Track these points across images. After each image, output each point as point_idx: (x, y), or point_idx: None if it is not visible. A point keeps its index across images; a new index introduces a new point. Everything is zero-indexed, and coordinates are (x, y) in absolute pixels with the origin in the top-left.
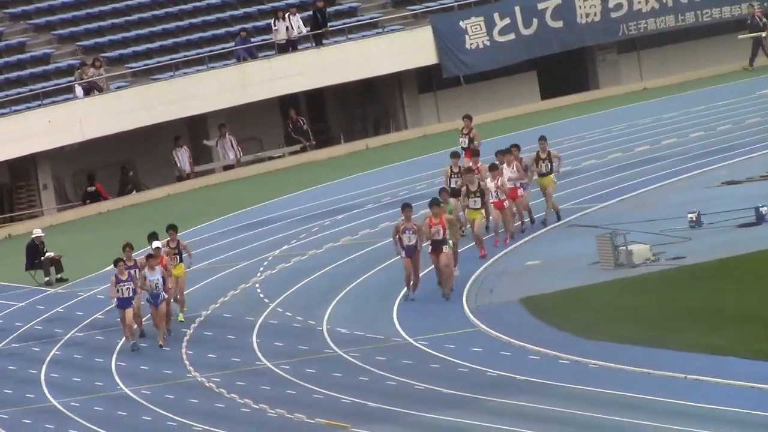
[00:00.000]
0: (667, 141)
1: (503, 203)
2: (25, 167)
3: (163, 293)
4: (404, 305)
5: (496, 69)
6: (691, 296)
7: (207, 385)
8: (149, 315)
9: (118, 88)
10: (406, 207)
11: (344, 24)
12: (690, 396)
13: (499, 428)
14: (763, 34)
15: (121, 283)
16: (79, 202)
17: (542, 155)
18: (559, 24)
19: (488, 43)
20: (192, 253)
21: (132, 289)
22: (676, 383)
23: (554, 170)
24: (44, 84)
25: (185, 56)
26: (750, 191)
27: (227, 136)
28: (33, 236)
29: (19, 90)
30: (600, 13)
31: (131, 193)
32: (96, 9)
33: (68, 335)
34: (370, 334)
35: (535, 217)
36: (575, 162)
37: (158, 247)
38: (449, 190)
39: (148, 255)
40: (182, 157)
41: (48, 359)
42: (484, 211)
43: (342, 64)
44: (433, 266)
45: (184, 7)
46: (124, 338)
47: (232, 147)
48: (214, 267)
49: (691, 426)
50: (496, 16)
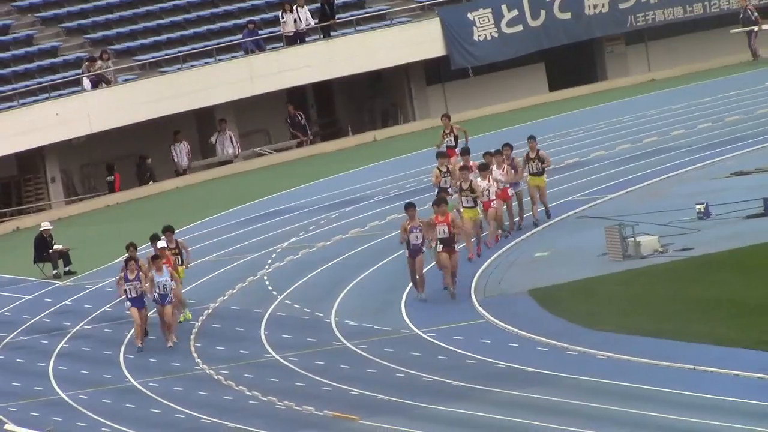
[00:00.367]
0: (676, 132)
1: (490, 203)
2: (33, 160)
3: (171, 294)
4: (412, 297)
5: (504, 61)
6: (699, 287)
7: (215, 377)
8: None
9: (126, 80)
10: (410, 206)
11: (352, 16)
12: (698, 387)
13: (507, 420)
14: (755, 29)
15: (128, 282)
16: (88, 194)
17: (532, 155)
18: (567, 15)
19: (496, 35)
20: (190, 252)
21: (139, 288)
22: (685, 374)
23: (544, 170)
24: (52, 77)
25: (193, 49)
26: (758, 182)
27: (227, 131)
28: (41, 229)
29: (27, 83)
30: (608, 4)
31: (149, 182)
32: (104, 1)
33: (76, 328)
34: (378, 326)
35: (525, 217)
36: (583, 153)
37: (163, 247)
38: (448, 191)
39: (154, 256)
40: (180, 152)
41: (56, 352)
42: (479, 210)
43: (350, 56)
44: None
45: None
46: (136, 337)
47: (231, 143)
48: (223, 259)
49: (700, 417)
50: (504, 7)
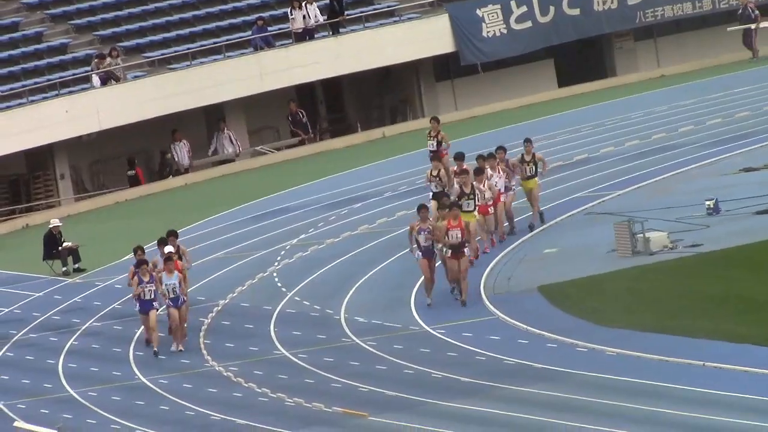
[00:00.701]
0: (685, 128)
1: (488, 208)
2: (42, 157)
3: (182, 296)
4: (422, 294)
5: (513, 57)
6: (708, 283)
7: (225, 374)
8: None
9: (135, 77)
10: (422, 207)
11: (361, 12)
12: (708, 383)
13: (516, 416)
14: (753, 26)
15: (143, 284)
16: (98, 191)
17: (527, 158)
18: (576, 12)
19: (505, 31)
20: (190, 259)
21: (154, 291)
22: (694, 370)
23: (539, 173)
24: (61, 74)
25: (202, 45)
26: (767, 178)
27: (225, 131)
28: (50, 226)
29: (37, 80)
30: (617, 0)
31: (169, 177)
32: None
33: (86, 325)
34: (387, 323)
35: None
36: (592, 150)
37: (171, 251)
38: (447, 194)
39: (166, 258)
40: (180, 151)
41: (65, 349)
42: (477, 214)
43: (359, 52)
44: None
45: None
46: (146, 341)
47: (231, 142)
48: (232, 256)
49: (710, 413)
50: (512, 4)
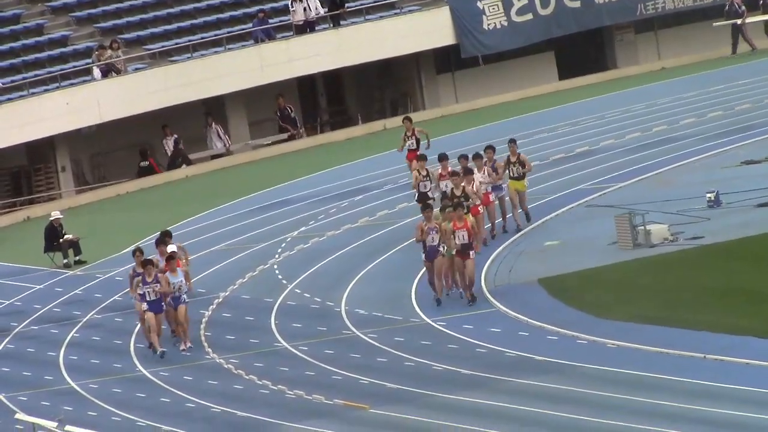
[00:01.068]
0: (686, 120)
1: (478, 209)
2: (43, 150)
3: (183, 296)
4: (422, 286)
5: (513, 49)
6: (709, 276)
7: (225, 366)
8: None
9: (136, 69)
10: (428, 208)
11: (362, 5)
12: (709, 375)
13: (518, 408)
14: (738, 21)
15: (147, 285)
16: (98, 183)
17: (512, 159)
18: (577, 4)
19: (506, 24)
20: (189, 256)
21: (159, 291)
22: (695, 363)
23: (525, 175)
24: (62, 66)
25: (203, 38)
26: None
27: (214, 126)
28: (51, 218)
29: (37, 72)
30: None
31: (181, 166)
32: None
33: (87, 317)
34: (388, 315)
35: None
36: (593, 142)
37: (174, 251)
38: (448, 195)
39: (168, 257)
40: (171, 146)
41: (66, 341)
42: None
43: (359, 44)
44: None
45: None
46: (150, 344)
47: (219, 137)
48: (232, 248)
49: (711, 406)
50: None
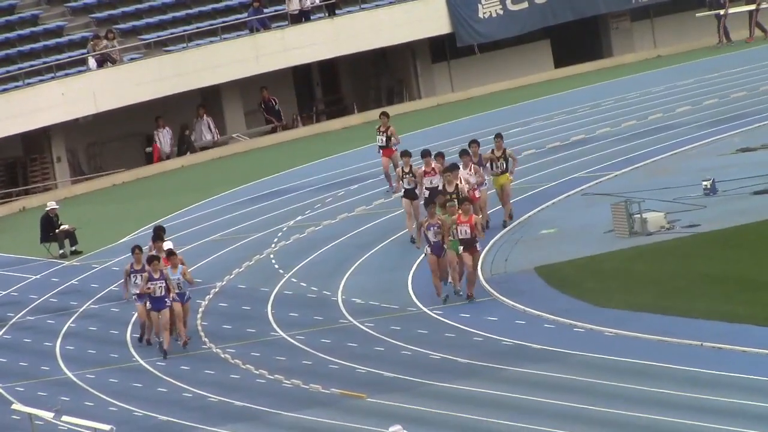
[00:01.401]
0: (681, 108)
1: (475, 194)
2: (38, 140)
3: (188, 292)
4: (418, 275)
5: (509, 38)
6: (706, 264)
7: (222, 356)
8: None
9: (131, 59)
10: (431, 204)
11: None
12: (706, 363)
13: (514, 397)
14: (721, 12)
15: (153, 281)
16: (94, 173)
17: (497, 153)
18: None
19: (501, 12)
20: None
21: (165, 287)
22: (693, 351)
23: (510, 170)
24: (57, 56)
25: (198, 27)
26: (765, 158)
27: (204, 117)
28: (47, 209)
29: (33, 62)
30: None
31: (187, 153)
32: None
33: (83, 308)
34: (385, 304)
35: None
36: (589, 130)
37: (171, 247)
38: (446, 192)
39: (168, 253)
40: (164, 138)
41: (63, 332)
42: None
43: (355, 34)
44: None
45: None
46: (147, 341)
47: (209, 129)
48: (229, 238)
49: (708, 393)
50: None
